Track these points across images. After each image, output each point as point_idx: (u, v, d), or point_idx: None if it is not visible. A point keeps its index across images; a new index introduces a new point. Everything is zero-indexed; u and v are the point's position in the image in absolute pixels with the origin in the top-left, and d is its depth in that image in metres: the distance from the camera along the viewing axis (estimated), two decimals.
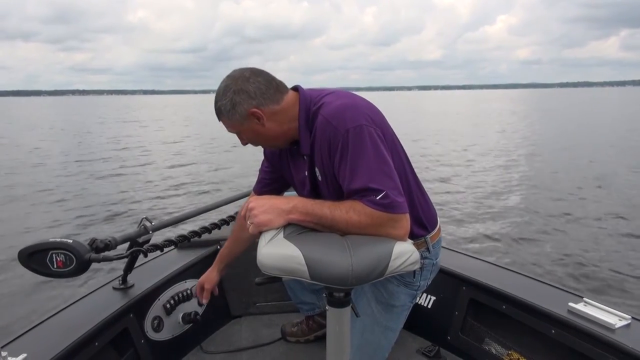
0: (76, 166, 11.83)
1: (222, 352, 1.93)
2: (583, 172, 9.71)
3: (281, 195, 1.65)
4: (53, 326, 1.45)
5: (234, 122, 1.31)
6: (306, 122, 1.32)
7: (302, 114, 1.32)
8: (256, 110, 1.28)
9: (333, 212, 1.18)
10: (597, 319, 1.43)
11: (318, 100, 1.32)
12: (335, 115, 1.23)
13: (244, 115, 1.29)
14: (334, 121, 1.22)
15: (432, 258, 1.47)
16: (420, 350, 1.89)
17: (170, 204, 7.59)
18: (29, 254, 1.32)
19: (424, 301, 2.00)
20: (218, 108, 1.31)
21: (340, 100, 1.28)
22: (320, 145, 1.27)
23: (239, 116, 1.29)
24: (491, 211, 6.76)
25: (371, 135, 1.20)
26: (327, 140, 1.24)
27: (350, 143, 1.19)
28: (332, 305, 1.12)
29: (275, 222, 1.18)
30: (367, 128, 1.21)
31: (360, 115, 1.23)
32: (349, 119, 1.21)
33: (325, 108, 1.27)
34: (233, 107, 1.28)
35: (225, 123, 1.33)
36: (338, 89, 1.38)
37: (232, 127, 1.33)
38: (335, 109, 1.25)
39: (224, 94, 1.29)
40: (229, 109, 1.29)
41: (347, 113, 1.23)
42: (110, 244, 1.43)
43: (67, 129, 25.48)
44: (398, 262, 1.10)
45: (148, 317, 1.75)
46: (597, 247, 5.17)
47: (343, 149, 1.20)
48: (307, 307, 1.95)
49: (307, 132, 1.32)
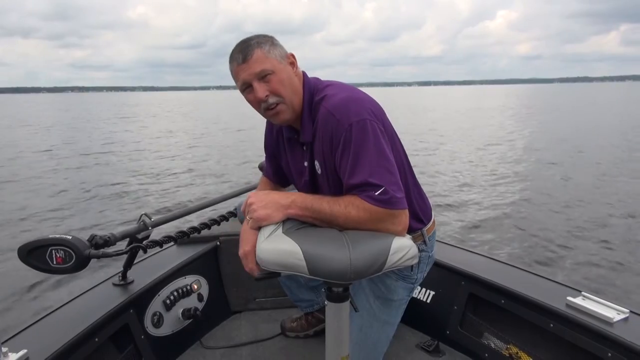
0: (74, 162, 11.83)
1: (222, 348, 1.93)
2: (583, 165, 9.73)
3: (286, 186, 1.66)
4: (53, 322, 1.46)
5: (272, 57, 1.25)
6: (309, 110, 1.31)
7: (307, 99, 1.32)
8: (293, 55, 1.30)
9: (332, 207, 1.18)
10: (595, 313, 1.43)
11: (320, 90, 1.32)
12: (339, 108, 1.23)
13: (284, 54, 1.29)
14: (337, 114, 1.22)
15: (429, 251, 1.48)
16: (420, 345, 1.90)
17: (170, 200, 7.59)
18: (29, 250, 1.32)
19: (424, 296, 2.01)
20: (255, 42, 1.25)
21: (343, 93, 1.27)
22: (322, 137, 1.27)
23: (279, 53, 1.27)
24: (489, 204, 6.77)
25: (374, 129, 1.20)
26: (329, 133, 1.24)
27: (353, 137, 1.19)
28: (331, 300, 1.12)
29: (274, 216, 1.18)
30: (370, 122, 1.21)
31: (363, 109, 1.23)
32: (352, 113, 1.21)
33: (329, 100, 1.26)
34: (273, 44, 1.27)
35: (257, 60, 1.24)
36: (336, 80, 1.37)
37: (267, 63, 1.24)
38: (338, 102, 1.24)
39: (258, 36, 1.27)
40: (270, 45, 1.26)
41: (350, 107, 1.22)
42: (110, 240, 1.43)
43: (65, 125, 25.46)
44: (396, 257, 1.11)
45: (148, 313, 1.76)
46: (595, 242, 5.18)
47: (345, 143, 1.20)
48: (305, 304, 1.96)
49: (310, 121, 1.31)
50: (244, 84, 1.28)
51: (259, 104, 1.28)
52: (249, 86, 1.27)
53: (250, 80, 1.25)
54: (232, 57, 1.28)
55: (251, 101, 1.31)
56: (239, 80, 1.28)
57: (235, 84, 1.31)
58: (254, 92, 1.26)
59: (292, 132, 1.40)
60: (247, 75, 1.25)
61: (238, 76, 1.28)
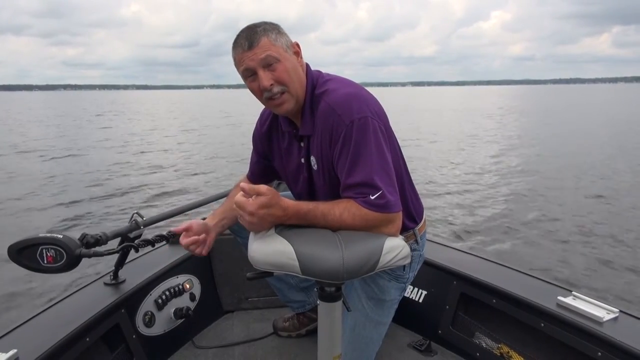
0: (65, 160, 11.74)
1: (214, 347, 1.93)
2: (574, 163, 9.81)
3: (272, 181, 1.64)
4: (44, 322, 1.44)
5: (278, 45, 1.22)
6: (310, 103, 1.29)
7: (309, 91, 1.30)
8: (298, 45, 1.28)
9: (326, 218, 1.17)
10: (585, 312, 1.45)
11: (322, 84, 1.30)
12: (341, 104, 1.21)
13: (289, 43, 1.27)
14: (339, 110, 1.20)
15: (420, 250, 1.49)
16: (412, 344, 1.91)
17: (162, 199, 7.55)
18: (19, 249, 1.31)
19: (416, 295, 2.01)
20: (262, 29, 1.22)
21: (346, 89, 1.26)
22: (321, 132, 1.25)
23: (285, 41, 1.25)
24: (480, 203, 6.81)
25: (375, 128, 1.20)
26: (329, 129, 1.22)
27: (354, 135, 1.18)
28: (323, 299, 1.12)
29: (267, 227, 1.15)
30: (371, 121, 1.19)
31: (365, 106, 1.21)
32: (355, 110, 1.19)
33: (330, 95, 1.25)
34: (279, 32, 1.24)
35: (263, 47, 1.20)
36: (337, 75, 1.36)
37: (273, 50, 1.21)
38: (341, 98, 1.23)
39: (265, 22, 1.24)
40: (276, 33, 1.23)
41: (353, 103, 1.21)
42: (101, 239, 1.42)
43: (56, 124, 25.26)
44: (389, 257, 1.11)
45: (139, 313, 1.75)
46: (586, 241, 5.23)
47: (345, 140, 1.19)
48: (296, 304, 1.95)
49: (310, 114, 1.29)
50: (247, 71, 1.24)
51: (262, 92, 1.25)
52: (253, 73, 1.24)
53: (254, 67, 1.22)
54: (236, 43, 1.24)
55: (254, 89, 1.27)
56: (242, 67, 1.24)
57: (238, 71, 1.27)
58: (259, 80, 1.23)
59: (290, 126, 1.37)
60: (252, 62, 1.21)
61: (242, 63, 1.23)
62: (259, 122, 1.53)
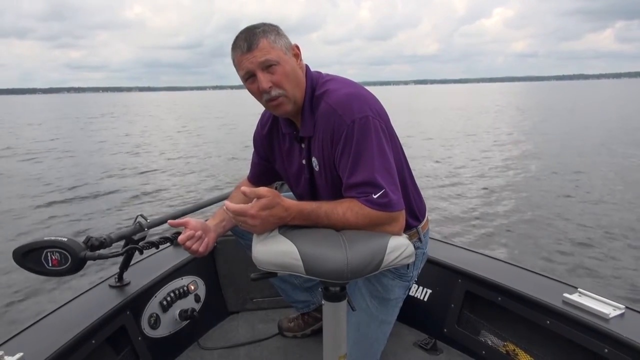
0: (69, 163, 11.78)
1: (220, 348, 1.93)
2: (577, 161, 9.77)
3: (273, 182, 1.64)
4: (49, 325, 1.45)
5: (277, 47, 1.22)
6: (310, 104, 1.29)
7: (308, 92, 1.29)
8: (297, 47, 1.27)
9: (329, 217, 1.17)
10: (591, 309, 1.44)
11: (321, 84, 1.30)
12: (342, 104, 1.21)
13: (289, 45, 1.26)
14: (339, 110, 1.20)
15: (423, 248, 1.49)
16: (417, 343, 1.90)
17: (166, 201, 7.57)
18: (24, 252, 1.32)
19: (420, 294, 2.01)
20: (261, 30, 1.21)
21: (346, 89, 1.25)
22: (322, 133, 1.25)
23: (284, 43, 1.24)
24: (484, 201, 6.79)
25: (376, 128, 1.20)
26: (330, 129, 1.22)
27: (356, 134, 1.18)
28: (328, 299, 1.12)
29: (271, 228, 1.15)
30: (373, 120, 1.19)
31: (366, 106, 1.21)
32: (356, 110, 1.19)
33: (331, 95, 1.24)
34: (279, 34, 1.24)
35: (262, 49, 1.20)
36: (337, 75, 1.36)
37: (272, 53, 1.20)
38: (341, 98, 1.23)
39: (264, 24, 1.23)
40: (276, 35, 1.22)
41: (354, 103, 1.21)
42: (106, 242, 1.43)
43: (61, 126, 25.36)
44: (393, 256, 1.11)
45: (145, 314, 1.75)
46: (591, 237, 5.20)
47: (347, 140, 1.19)
48: (301, 305, 1.95)
49: (310, 116, 1.29)
50: (247, 73, 1.24)
51: (261, 94, 1.25)
52: (252, 76, 1.23)
53: (253, 69, 1.22)
54: (235, 44, 1.23)
55: (253, 91, 1.27)
56: (241, 69, 1.24)
57: (237, 73, 1.27)
58: (258, 82, 1.23)
59: (290, 127, 1.37)
60: (251, 65, 1.21)
61: (241, 65, 1.23)
62: (259, 124, 1.53)
